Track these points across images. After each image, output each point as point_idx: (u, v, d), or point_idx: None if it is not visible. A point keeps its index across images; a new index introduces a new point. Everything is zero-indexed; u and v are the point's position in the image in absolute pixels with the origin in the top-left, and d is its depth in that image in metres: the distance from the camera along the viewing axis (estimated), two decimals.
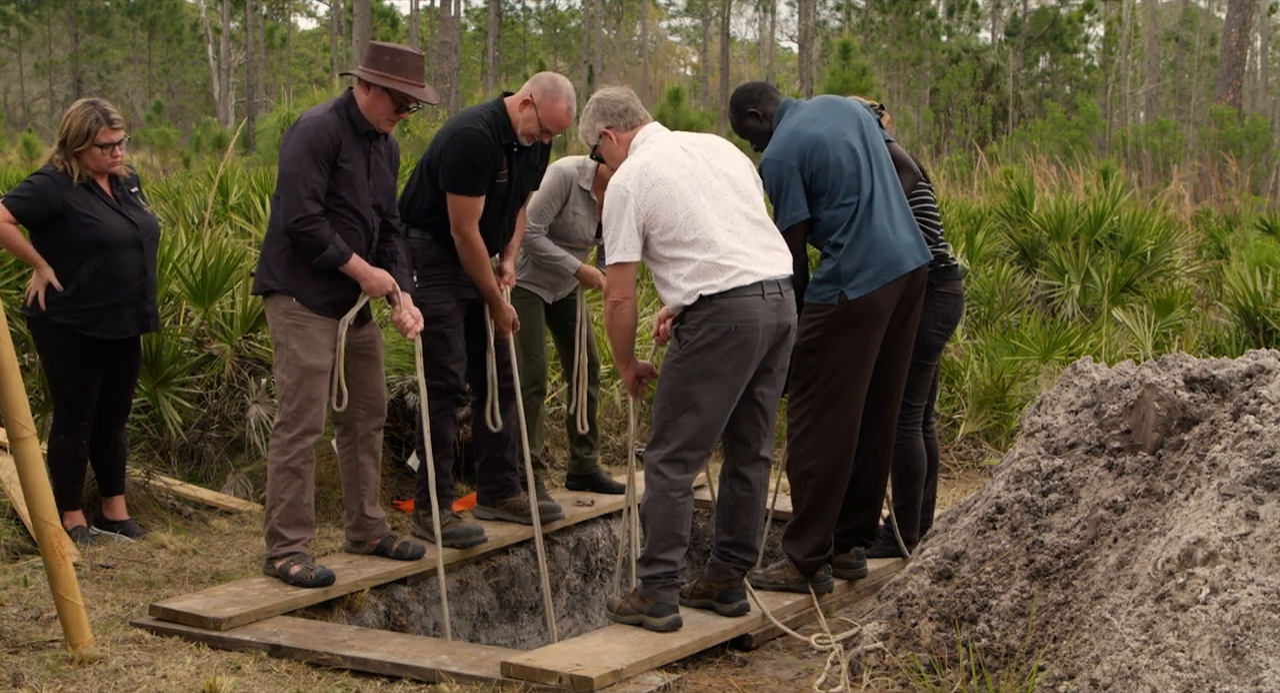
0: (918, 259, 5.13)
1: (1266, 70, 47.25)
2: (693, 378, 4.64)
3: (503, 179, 5.67)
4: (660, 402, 4.74)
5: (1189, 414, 4.23)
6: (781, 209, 5.04)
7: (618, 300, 4.77)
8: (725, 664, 4.76)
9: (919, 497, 5.73)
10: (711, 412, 4.68)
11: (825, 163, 5.03)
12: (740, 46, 63.24)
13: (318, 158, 5.14)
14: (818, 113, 5.18)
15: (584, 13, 50.22)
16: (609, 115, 4.94)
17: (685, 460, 4.71)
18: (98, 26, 49.32)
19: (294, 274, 5.22)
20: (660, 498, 4.71)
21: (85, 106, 5.80)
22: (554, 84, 5.58)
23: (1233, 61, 25.92)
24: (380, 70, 5.20)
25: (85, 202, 5.75)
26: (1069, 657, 3.81)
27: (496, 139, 5.59)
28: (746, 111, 5.35)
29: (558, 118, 5.58)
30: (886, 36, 37.01)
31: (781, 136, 5.13)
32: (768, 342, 4.70)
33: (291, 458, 5.25)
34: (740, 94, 5.44)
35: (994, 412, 8.22)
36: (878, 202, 5.08)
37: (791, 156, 5.04)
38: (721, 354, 4.62)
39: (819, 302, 5.04)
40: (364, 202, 5.29)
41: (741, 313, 4.61)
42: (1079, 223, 11.84)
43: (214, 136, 24.84)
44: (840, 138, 5.07)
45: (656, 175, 4.68)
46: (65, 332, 5.75)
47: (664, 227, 4.67)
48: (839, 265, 5.01)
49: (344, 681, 4.45)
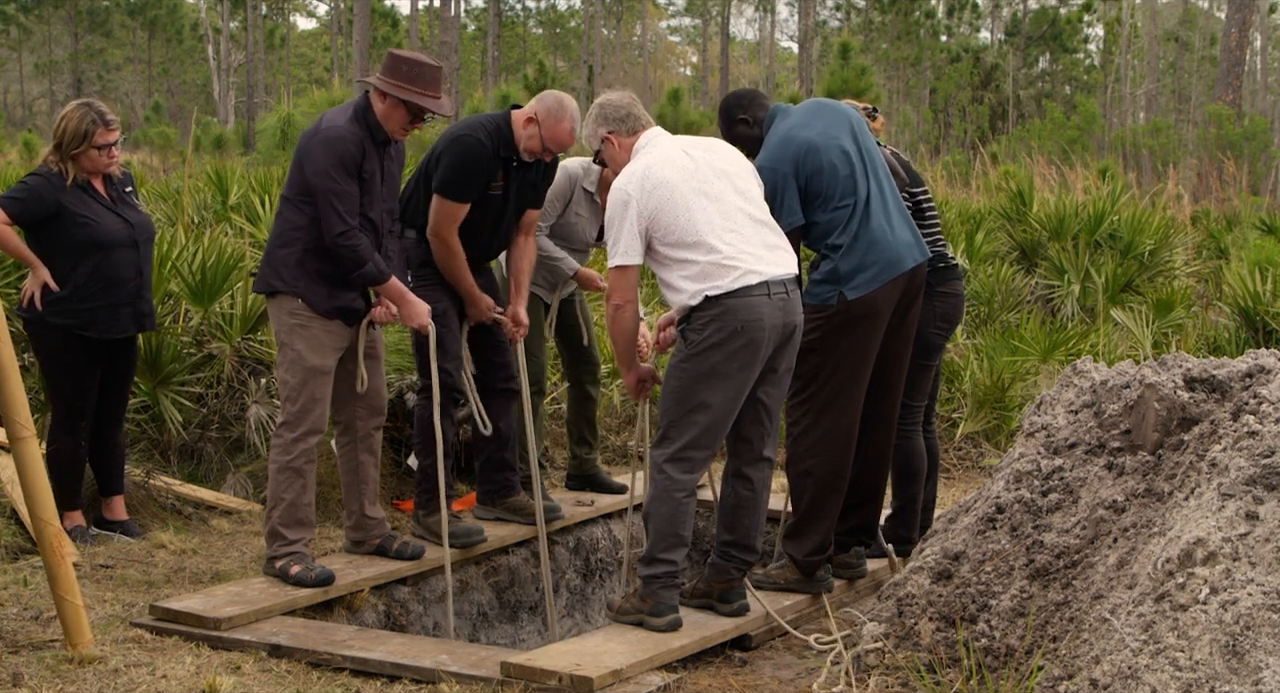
0: (916, 257, 5.13)
1: (1266, 70, 47.26)
2: (699, 377, 4.65)
3: (496, 192, 5.65)
4: (666, 401, 4.75)
5: (1189, 414, 4.23)
6: (777, 215, 5.04)
7: (620, 304, 4.78)
8: (725, 664, 4.76)
9: (919, 497, 5.73)
10: (718, 411, 4.69)
11: (819, 167, 5.02)
12: (740, 46, 63.27)
13: (348, 169, 5.14)
14: (808, 117, 5.17)
15: (584, 13, 50.23)
16: (611, 120, 4.95)
17: (690, 459, 4.72)
18: (98, 26, 49.32)
19: (303, 277, 5.22)
20: (663, 498, 4.72)
21: (80, 108, 5.80)
22: (559, 104, 5.56)
23: (1232, 61, 25.92)
24: (398, 80, 5.19)
25: (80, 202, 5.75)
26: (1069, 657, 3.81)
27: (495, 150, 5.57)
28: (736, 118, 5.33)
29: (560, 138, 5.56)
30: (886, 36, 37.03)
31: (774, 143, 5.11)
32: (774, 341, 4.71)
33: (294, 458, 5.25)
34: (729, 101, 5.41)
35: (994, 412, 8.22)
36: (874, 202, 5.08)
37: (785, 163, 5.03)
38: (728, 353, 4.63)
39: (818, 302, 5.04)
40: (377, 208, 5.30)
41: (748, 312, 4.62)
42: (1079, 223, 11.83)
43: (214, 136, 24.83)
44: (833, 141, 5.07)
45: (658, 178, 4.68)
46: (62, 332, 5.75)
47: (666, 229, 4.67)
48: (838, 266, 5.01)
49: (344, 681, 4.45)
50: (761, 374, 4.76)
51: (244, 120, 35.43)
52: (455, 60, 33.20)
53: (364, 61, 28.51)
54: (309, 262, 5.21)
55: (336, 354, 5.32)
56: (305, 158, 5.19)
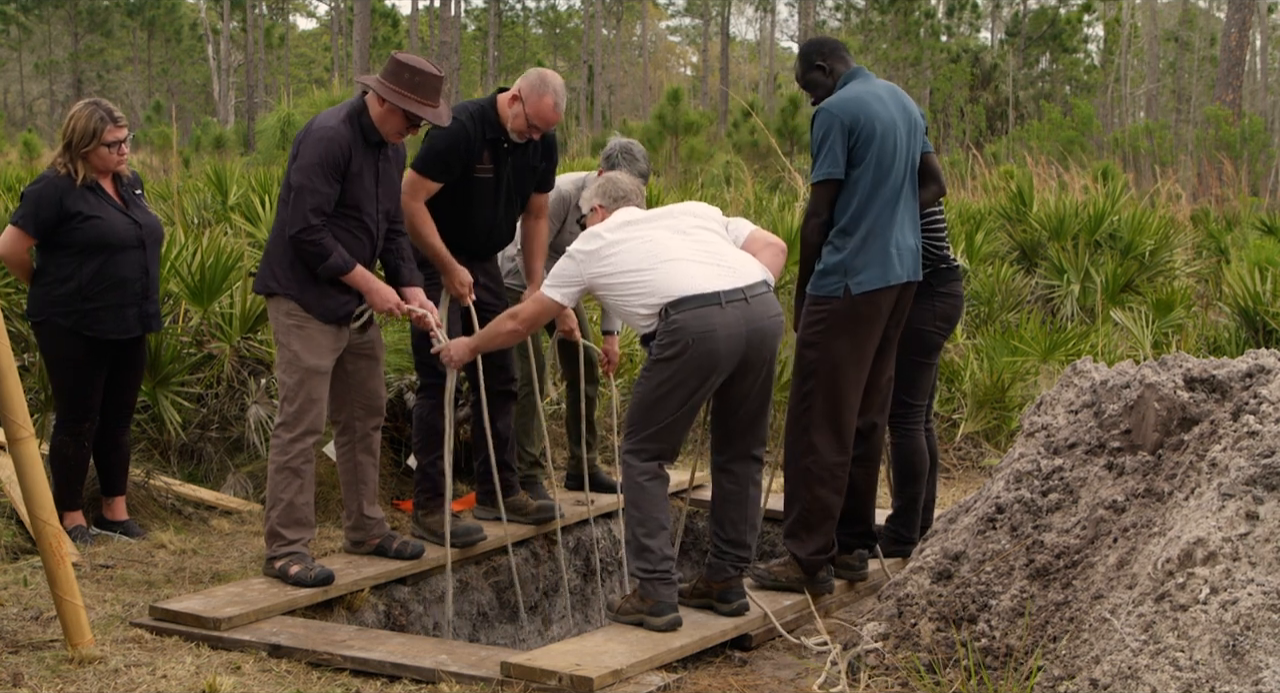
0: (912, 274, 5.16)
1: (1266, 70, 47.23)
2: (658, 385, 4.83)
3: (485, 173, 5.64)
4: (631, 404, 4.94)
5: (1189, 414, 4.23)
6: (820, 161, 5.04)
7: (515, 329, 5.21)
8: (725, 664, 4.76)
9: (920, 496, 5.73)
10: (679, 414, 4.84)
11: (870, 141, 5.02)
12: (740, 46, 63.26)
13: (328, 170, 5.14)
14: (887, 96, 5.16)
15: (584, 13, 50.23)
16: (607, 196, 5.22)
17: (648, 449, 4.87)
18: (97, 26, 49.29)
19: (295, 278, 5.23)
20: (630, 485, 4.88)
21: (89, 106, 5.81)
22: (541, 80, 5.58)
23: (1232, 61, 25.91)
24: (399, 87, 5.18)
25: (88, 202, 5.75)
26: (1069, 657, 3.81)
27: (479, 132, 5.58)
28: (814, 63, 5.31)
29: (544, 113, 5.57)
30: (886, 36, 37.00)
31: (847, 96, 5.10)
32: (737, 346, 4.79)
33: (291, 458, 5.25)
34: (812, 44, 5.40)
35: (994, 412, 8.22)
36: (900, 205, 5.09)
37: (847, 116, 5.02)
38: (681, 364, 4.77)
39: (824, 294, 5.04)
40: (369, 209, 5.29)
41: (699, 324, 4.74)
42: (1078, 223, 11.83)
43: (214, 136, 24.84)
44: (893, 129, 5.08)
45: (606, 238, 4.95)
46: (67, 332, 5.75)
47: (624, 271, 4.89)
48: (845, 259, 5.01)
49: (344, 681, 4.45)
50: (739, 371, 4.85)
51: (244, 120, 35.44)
52: (455, 60, 33.21)
53: (364, 61, 28.52)
54: (302, 264, 5.21)
55: (334, 355, 5.32)
56: (294, 154, 5.22)
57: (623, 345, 8.29)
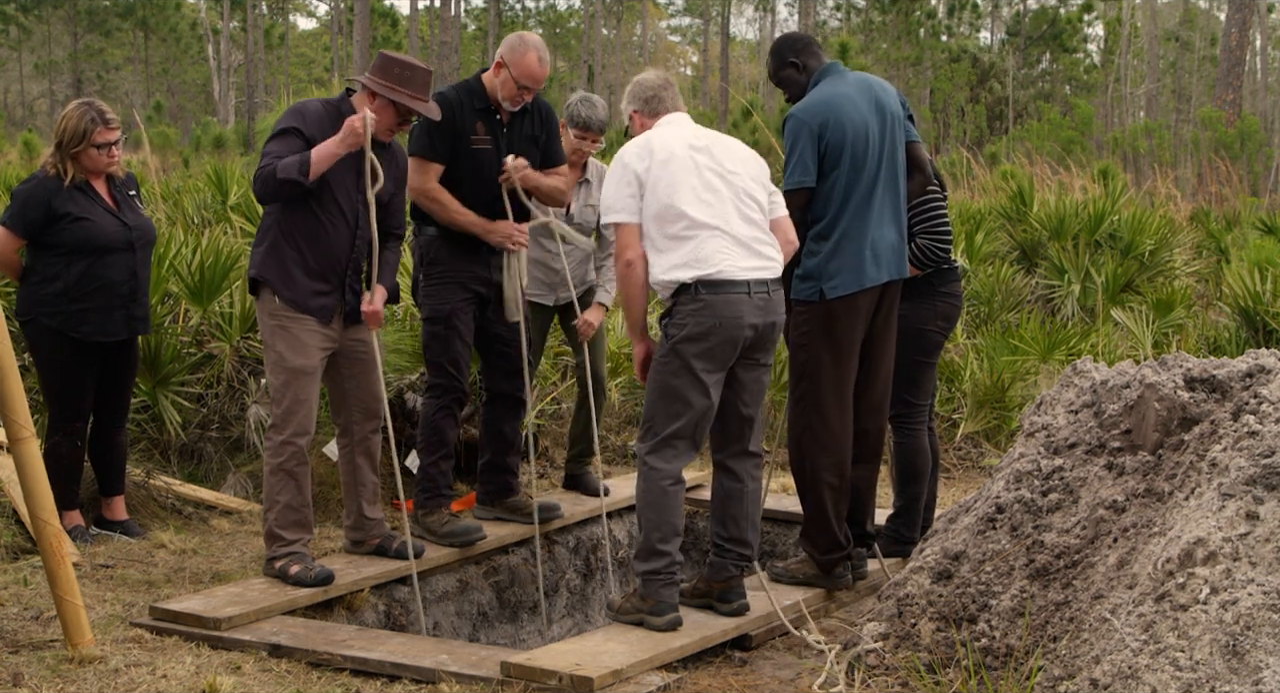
0: (891, 274, 5.14)
1: (1266, 70, 47.22)
2: (678, 371, 4.70)
3: (482, 144, 5.62)
4: (649, 395, 4.82)
5: (1189, 414, 4.23)
6: (791, 169, 5.03)
7: (630, 260, 4.80)
8: (725, 664, 4.76)
9: (922, 496, 5.73)
10: (699, 405, 4.73)
11: (841, 146, 5.01)
12: (740, 46, 63.22)
13: (297, 129, 5.13)
14: (858, 94, 5.12)
15: (584, 12, 50.21)
16: (637, 99, 5.05)
17: (674, 447, 4.76)
18: (97, 26, 49.26)
19: (273, 264, 5.21)
20: (650, 488, 4.77)
21: (80, 107, 5.80)
22: (520, 40, 5.61)
23: (1233, 61, 25.92)
24: (389, 81, 5.19)
25: (77, 203, 5.73)
26: (1069, 657, 3.81)
27: (467, 102, 5.58)
28: (787, 60, 5.29)
29: (530, 70, 5.55)
30: (886, 36, 36.98)
31: (817, 99, 5.10)
32: (752, 338, 4.77)
33: (285, 460, 5.25)
34: (784, 41, 5.38)
35: (994, 412, 8.22)
36: (875, 203, 5.08)
37: (816, 122, 5.02)
38: (704, 348, 4.68)
39: (803, 298, 5.08)
40: (345, 204, 5.24)
41: (727, 309, 4.67)
42: (1079, 223, 11.83)
43: (214, 136, 24.82)
44: (864, 129, 5.06)
45: (659, 156, 4.74)
46: (54, 332, 5.74)
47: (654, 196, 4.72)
48: (819, 264, 5.03)
49: (344, 680, 4.45)
50: (740, 365, 4.81)
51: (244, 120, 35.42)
52: (455, 60, 33.22)
53: (364, 61, 28.53)
54: (278, 250, 5.21)
55: (320, 353, 5.29)
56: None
57: (623, 346, 8.29)
